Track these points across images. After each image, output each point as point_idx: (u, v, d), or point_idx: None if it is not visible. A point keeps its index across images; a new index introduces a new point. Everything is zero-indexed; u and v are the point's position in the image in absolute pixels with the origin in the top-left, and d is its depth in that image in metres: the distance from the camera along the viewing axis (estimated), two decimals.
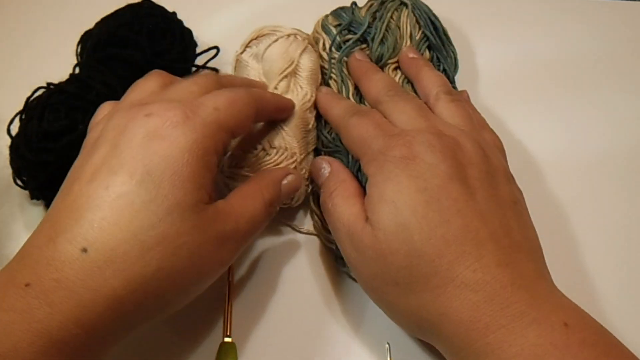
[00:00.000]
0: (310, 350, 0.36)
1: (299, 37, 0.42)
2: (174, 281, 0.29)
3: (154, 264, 0.28)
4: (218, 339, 0.36)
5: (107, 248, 0.27)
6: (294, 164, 0.38)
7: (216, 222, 0.30)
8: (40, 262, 0.27)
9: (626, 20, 0.53)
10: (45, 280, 0.26)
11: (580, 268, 0.40)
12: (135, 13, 0.44)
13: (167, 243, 0.28)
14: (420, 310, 0.30)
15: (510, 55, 0.51)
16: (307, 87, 0.41)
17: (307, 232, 0.41)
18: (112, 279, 0.27)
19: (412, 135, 0.33)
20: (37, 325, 0.25)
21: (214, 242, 0.30)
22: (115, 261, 0.27)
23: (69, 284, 0.26)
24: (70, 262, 0.27)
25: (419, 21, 0.44)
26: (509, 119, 0.46)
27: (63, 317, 0.26)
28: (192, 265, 0.29)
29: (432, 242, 0.30)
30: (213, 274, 0.32)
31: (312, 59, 0.42)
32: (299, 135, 0.39)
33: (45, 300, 0.26)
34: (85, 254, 0.27)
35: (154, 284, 0.28)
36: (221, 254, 0.31)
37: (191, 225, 0.29)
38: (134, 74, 0.41)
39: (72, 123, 0.38)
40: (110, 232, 0.27)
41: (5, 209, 0.42)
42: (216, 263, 0.31)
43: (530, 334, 0.27)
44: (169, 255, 0.28)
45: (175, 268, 0.29)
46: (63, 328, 0.26)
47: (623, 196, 0.43)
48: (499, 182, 0.33)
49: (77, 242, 0.27)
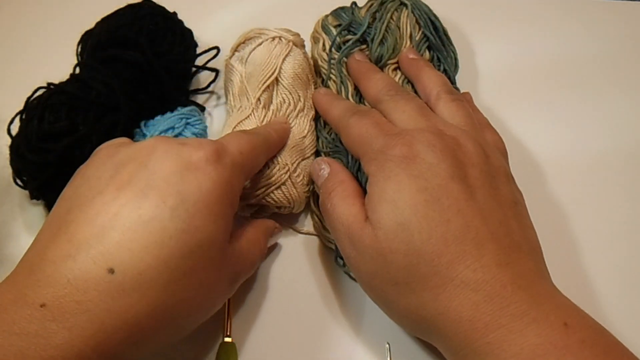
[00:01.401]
0: (310, 350, 0.36)
1: (284, 39, 0.41)
2: (191, 312, 0.29)
3: (178, 295, 0.27)
4: (218, 339, 0.36)
5: (135, 272, 0.26)
6: (287, 174, 0.38)
7: (232, 263, 0.32)
8: (59, 280, 0.25)
9: (626, 20, 0.53)
10: (65, 302, 0.25)
11: (580, 268, 0.40)
12: (135, 13, 0.44)
13: (192, 276, 0.28)
14: (419, 310, 0.30)
15: (510, 55, 0.51)
16: (290, 95, 0.41)
17: (307, 233, 0.41)
18: (137, 305, 0.26)
19: (412, 134, 0.33)
20: (53, 352, 0.24)
21: (227, 281, 0.32)
22: (142, 286, 0.26)
23: (91, 307, 0.25)
24: (95, 283, 0.25)
25: (419, 21, 0.44)
26: (509, 119, 0.46)
27: (82, 342, 0.24)
28: (208, 299, 0.30)
29: (432, 242, 0.30)
30: (218, 307, 0.33)
31: (297, 61, 0.41)
32: (289, 145, 0.39)
33: (64, 324, 0.24)
34: (112, 275, 0.25)
35: (174, 314, 0.28)
36: (228, 291, 0.33)
37: (216, 262, 0.29)
38: (134, 74, 0.41)
39: (72, 123, 0.38)
40: (139, 255, 0.26)
41: (5, 209, 0.42)
42: (221, 300, 0.33)
43: (530, 333, 0.27)
44: (193, 288, 0.28)
45: (195, 301, 0.29)
46: (82, 355, 0.24)
47: (623, 196, 0.43)
48: (499, 182, 0.33)
49: (102, 262, 0.26)
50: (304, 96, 0.41)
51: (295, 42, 0.42)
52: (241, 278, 0.34)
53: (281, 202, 0.38)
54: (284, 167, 0.38)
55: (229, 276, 0.32)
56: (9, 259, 0.29)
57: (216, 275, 0.30)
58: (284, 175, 0.38)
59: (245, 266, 0.34)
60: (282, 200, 0.38)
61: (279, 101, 0.41)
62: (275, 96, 0.41)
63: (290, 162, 0.38)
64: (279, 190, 0.38)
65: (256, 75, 0.40)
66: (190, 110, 0.43)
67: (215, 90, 0.48)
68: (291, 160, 0.38)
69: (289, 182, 0.38)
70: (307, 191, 0.40)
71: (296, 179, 0.38)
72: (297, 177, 0.39)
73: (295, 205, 0.39)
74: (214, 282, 0.30)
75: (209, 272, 0.29)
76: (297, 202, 0.39)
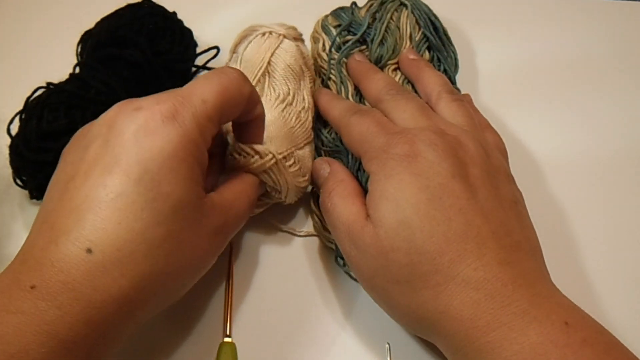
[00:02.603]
0: (310, 350, 0.36)
1: (274, 33, 0.41)
2: (177, 276, 0.30)
3: (161, 261, 0.28)
4: (218, 339, 0.36)
5: (113, 248, 0.27)
6: (272, 160, 0.36)
7: (211, 217, 0.31)
8: (44, 264, 0.26)
9: (627, 20, 0.53)
10: (52, 283, 0.26)
11: (580, 268, 0.40)
12: (135, 13, 0.44)
13: (171, 240, 0.28)
14: (420, 308, 0.30)
15: (510, 55, 0.51)
16: (282, 85, 0.40)
17: (306, 234, 0.41)
18: (121, 279, 0.27)
19: (414, 133, 0.33)
20: (46, 327, 0.25)
21: (209, 236, 0.31)
22: (122, 261, 0.27)
23: (76, 286, 0.26)
24: (76, 264, 0.26)
25: (419, 22, 0.44)
26: (509, 119, 0.46)
27: (73, 318, 0.26)
28: (193, 259, 0.31)
29: (433, 240, 0.30)
30: (207, 265, 0.33)
31: (289, 53, 0.41)
32: (280, 134, 0.38)
33: (53, 303, 0.26)
34: (91, 254, 0.27)
35: (161, 281, 0.29)
36: (214, 246, 0.33)
37: (192, 220, 0.29)
38: (134, 74, 0.41)
39: (71, 122, 0.38)
40: (114, 232, 0.27)
41: (5, 209, 0.42)
42: (210, 255, 0.33)
43: (531, 332, 0.27)
44: (174, 251, 0.29)
45: (179, 263, 0.29)
46: (73, 329, 0.26)
47: (623, 196, 0.43)
48: (499, 181, 0.33)
49: (80, 243, 0.27)
50: (294, 89, 0.40)
51: (288, 35, 0.41)
52: (229, 230, 0.34)
53: (268, 182, 0.37)
54: (267, 155, 0.36)
55: (210, 230, 0.31)
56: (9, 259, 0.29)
57: (197, 233, 0.30)
58: (268, 162, 0.36)
59: (230, 217, 0.33)
60: (269, 182, 0.37)
61: (270, 94, 0.40)
62: (267, 88, 0.40)
63: (277, 151, 0.37)
64: (265, 174, 0.37)
65: (247, 71, 0.40)
66: None
67: None
68: (279, 149, 0.37)
69: (276, 167, 0.37)
70: (300, 182, 0.39)
71: (287, 168, 0.37)
72: (290, 167, 0.38)
73: (284, 191, 0.38)
74: (195, 239, 0.30)
75: (188, 231, 0.29)
76: (284, 188, 0.38)
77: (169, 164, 0.28)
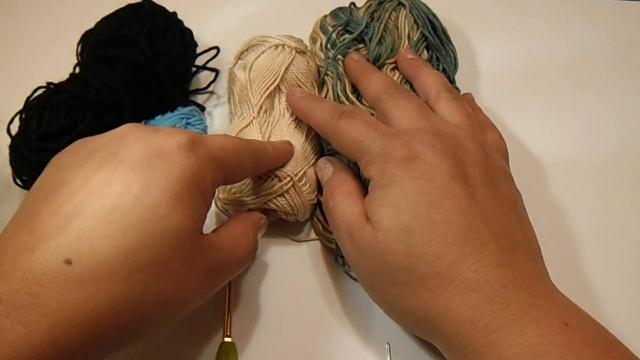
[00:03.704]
0: (310, 350, 0.36)
1: (287, 47, 0.41)
2: (157, 308, 0.28)
3: (140, 287, 0.26)
4: (218, 339, 0.36)
5: (93, 263, 0.25)
6: (290, 184, 0.38)
7: (206, 255, 0.30)
8: (14, 274, 0.24)
9: (627, 20, 0.53)
10: (20, 296, 0.24)
11: (580, 268, 0.40)
12: (135, 13, 0.44)
13: (157, 267, 0.27)
14: (419, 310, 0.30)
15: (510, 55, 0.51)
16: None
17: (307, 239, 0.41)
18: (96, 297, 0.25)
19: (411, 135, 0.33)
20: (7, 349, 0.23)
21: (201, 274, 0.30)
22: (101, 278, 0.25)
23: (46, 300, 0.24)
24: (51, 275, 0.24)
25: (417, 21, 0.44)
26: (509, 119, 0.46)
27: (38, 338, 0.23)
28: (177, 293, 0.28)
29: (433, 244, 0.30)
30: (194, 304, 0.31)
31: (300, 69, 0.41)
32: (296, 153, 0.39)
33: (18, 319, 0.23)
34: (69, 266, 0.24)
35: (137, 308, 0.26)
36: (205, 287, 0.31)
37: (184, 252, 0.28)
38: (134, 74, 0.41)
39: (71, 122, 0.38)
40: (99, 245, 0.25)
41: (5, 209, 0.42)
42: (199, 294, 0.31)
43: (531, 333, 0.27)
44: (157, 280, 0.27)
45: (161, 294, 0.27)
46: (37, 351, 0.23)
47: (623, 196, 0.43)
48: (498, 181, 0.33)
49: (60, 253, 0.25)
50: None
51: (298, 49, 0.42)
52: (224, 273, 0.32)
53: (284, 208, 0.38)
54: (285, 178, 0.38)
55: (204, 269, 0.30)
56: None
57: (186, 268, 0.28)
58: (285, 185, 0.38)
59: (227, 260, 0.32)
60: (286, 206, 0.38)
61: (281, 108, 0.41)
62: (278, 103, 0.41)
63: (294, 172, 0.38)
64: (282, 198, 0.38)
65: (258, 82, 0.40)
66: (191, 110, 0.43)
67: (215, 90, 0.48)
68: (295, 170, 0.38)
69: (293, 190, 0.38)
70: (312, 199, 0.39)
71: (301, 188, 0.38)
72: (302, 186, 0.38)
73: (300, 213, 0.39)
74: (183, 274, 0.28)
75: (177, 263, 0.27)
76: (301, 210, 0.39)
77: (174, 189, 0.28)
